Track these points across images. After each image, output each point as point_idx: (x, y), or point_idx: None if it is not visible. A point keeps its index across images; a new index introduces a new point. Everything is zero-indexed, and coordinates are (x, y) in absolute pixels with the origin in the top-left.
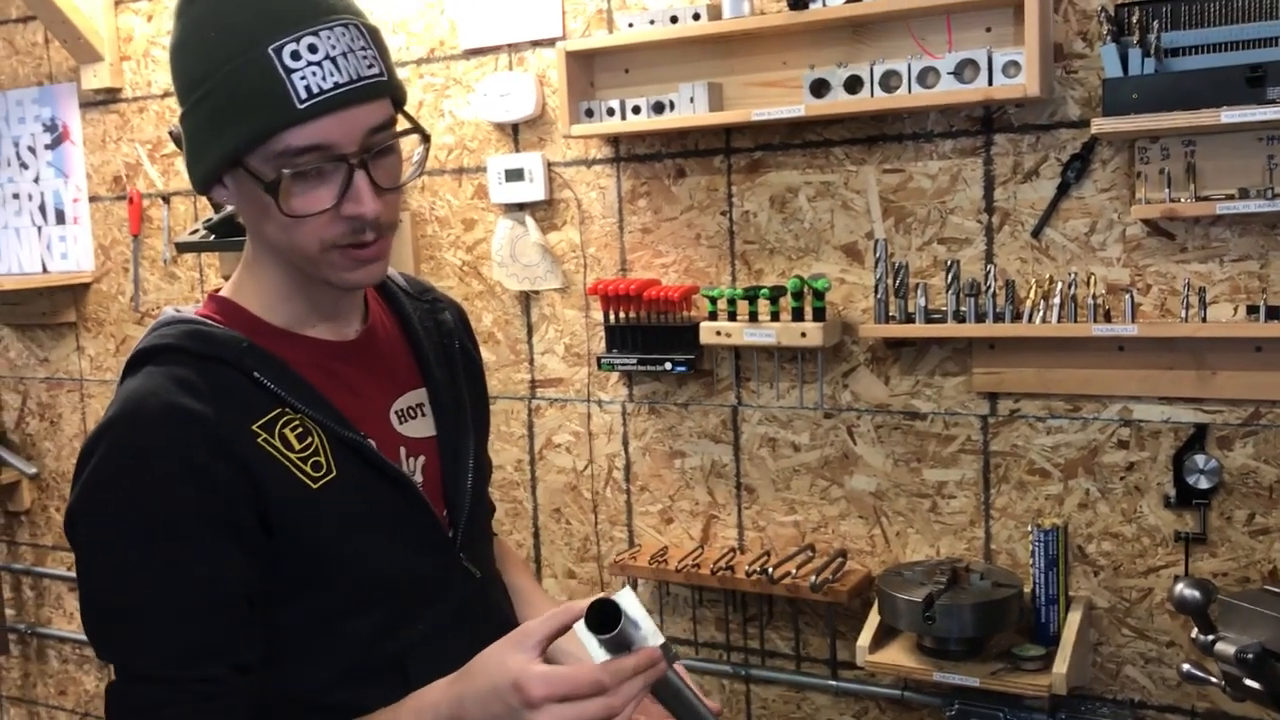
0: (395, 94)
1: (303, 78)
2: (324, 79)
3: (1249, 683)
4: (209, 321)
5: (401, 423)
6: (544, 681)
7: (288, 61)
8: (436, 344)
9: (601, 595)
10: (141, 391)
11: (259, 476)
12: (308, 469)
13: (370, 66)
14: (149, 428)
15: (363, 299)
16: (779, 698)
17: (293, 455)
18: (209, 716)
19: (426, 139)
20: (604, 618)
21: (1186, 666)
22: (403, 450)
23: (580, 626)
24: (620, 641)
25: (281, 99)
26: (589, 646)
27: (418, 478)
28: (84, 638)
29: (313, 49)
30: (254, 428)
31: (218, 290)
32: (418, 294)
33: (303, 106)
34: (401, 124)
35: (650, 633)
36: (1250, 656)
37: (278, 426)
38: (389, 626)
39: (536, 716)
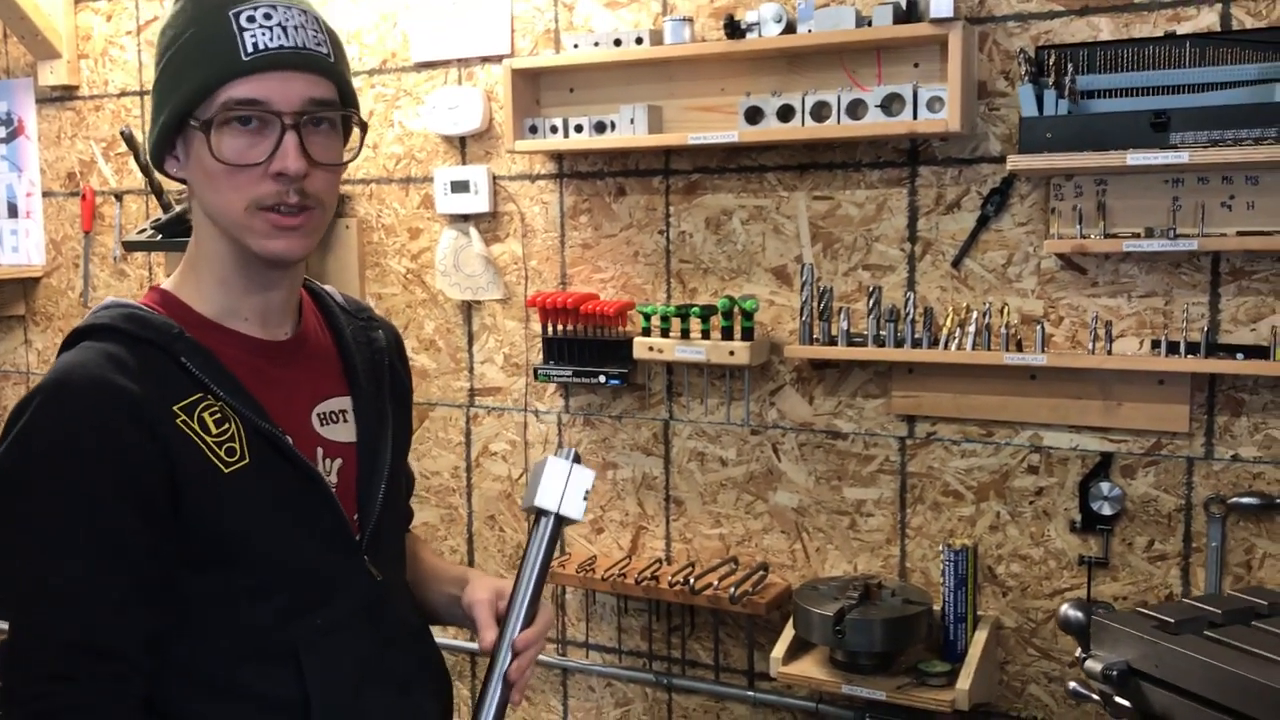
0: (341, 83)
1: (252, 36)
2: (271, 39)
3: (1120, 700)
4: (146, 308)
5: (323, 425)
6: None
7: (243, 23)
8: (367, 358)
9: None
10: (73, 364)
11: (174, 454)
12: (222, 453)
13: (319, 45)
14: (75, 398)
15: (298, 304)
16: (699, 707)
17: (209, 438)
18: (120, 703)
19: (364, 128)
20: None
21: (1073, 685)
22: (320, 451)
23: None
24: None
25: (230, 52)
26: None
27: (332, 479)
28: None
29: (268, 16)
30: (175, 408)
31: (160, 284)
32: (354, 312)
33: (247, 59)
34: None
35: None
36: (1115, 674)
37: (198, 410)
38: (285, 617)
39: None
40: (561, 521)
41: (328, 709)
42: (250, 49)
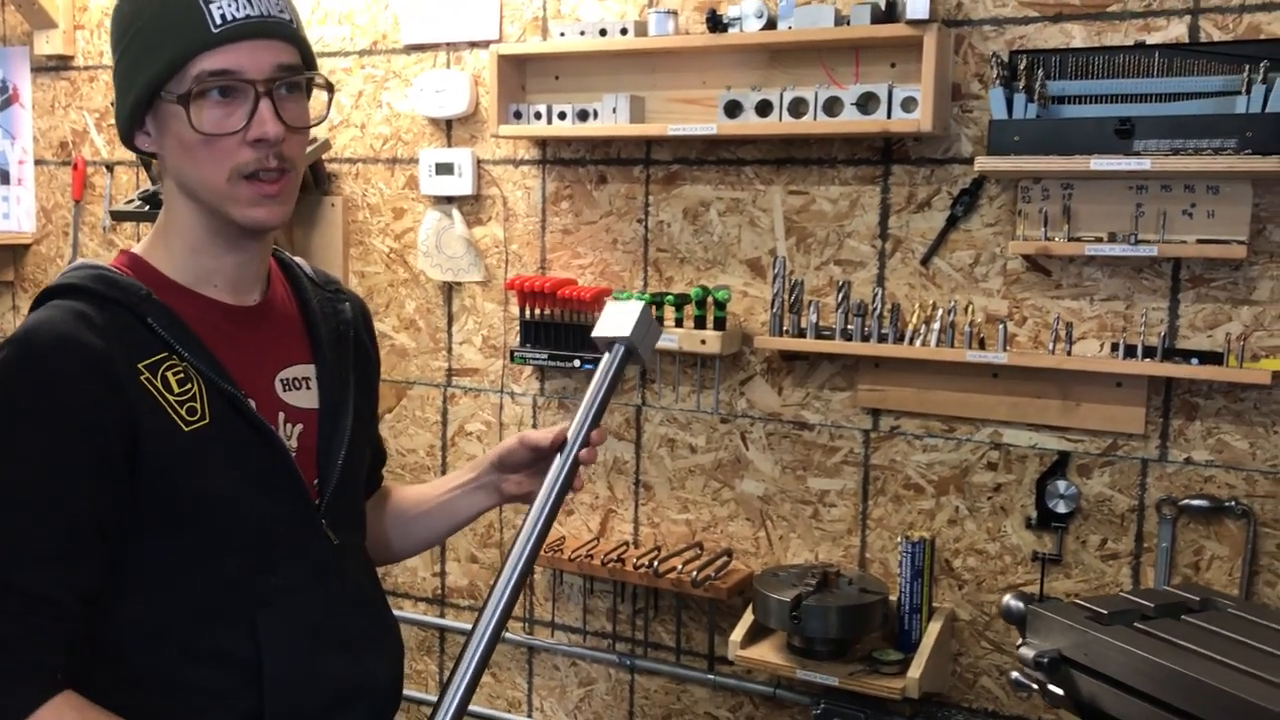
0: (303, 47)
1: (219, 7)
2: (238, 10)
3: (1053, 688)
4: (116, 270)
5: (285, 390)
6: None
7: None
8: (332, 329)
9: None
10: (41, 320)
11: (135, 410)
12: (183, 412)
13: (282, 12)
14: (41, 354)
15: (266, 273)
16: (661, 689)
17: (171, 397)
18: (51, 643)
19: (331, 89)
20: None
21: (1015, 674)
22: (281, 415)
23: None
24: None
25: (199, 25)
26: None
27: (293, 443)
28: None
29: None
30: (139, 365)
31: (130, 249)
32: (322, 283)
33: (217, 31)
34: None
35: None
36: (1045, 661)
37: (161, 369)
38: (241, 576)
39: None
40: (631, 355)
41: (279, 668)
42: (219, 20)
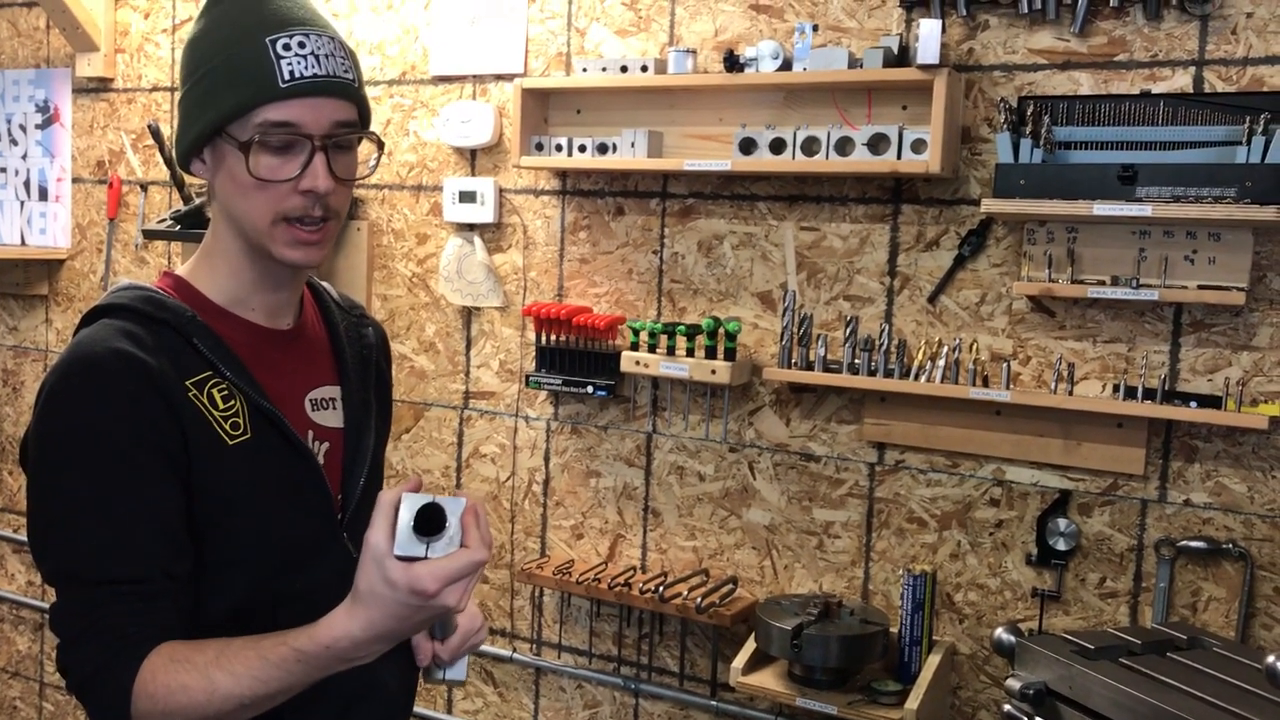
0: (361, 105)
1: (289, 64)
2: (306, 68)
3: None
4: (161, 291)
5: (314, 410)
6: (432, 576)
7: (279, 50)
8: (356, 353)
9: (430, 499)
10: (96, 338)
11: (185, 424)
12: (227, 427)
13: (346, 73)
14: (102, 369)
15: (299, 299)
16: (664, 713)
17: (216, 413)
18: (149, 616)
19: (381, 146)
20: (430, 522)
21: (1007, 707)
22: (310, 433)
23: (407, 518)
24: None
25: (269, 78)
26: (403, 526)
27: (320, 460)
28: (21, 598)
29: (302, 45)
30: (187, 383)
31: (173, 269)
32: (348, 309)
33: (284, 86)
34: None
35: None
36: (1031, 693)
37: (207, 386)
38: (268, 581)
39: (444, 599)
40: None
41: None
42: (287, 76)
